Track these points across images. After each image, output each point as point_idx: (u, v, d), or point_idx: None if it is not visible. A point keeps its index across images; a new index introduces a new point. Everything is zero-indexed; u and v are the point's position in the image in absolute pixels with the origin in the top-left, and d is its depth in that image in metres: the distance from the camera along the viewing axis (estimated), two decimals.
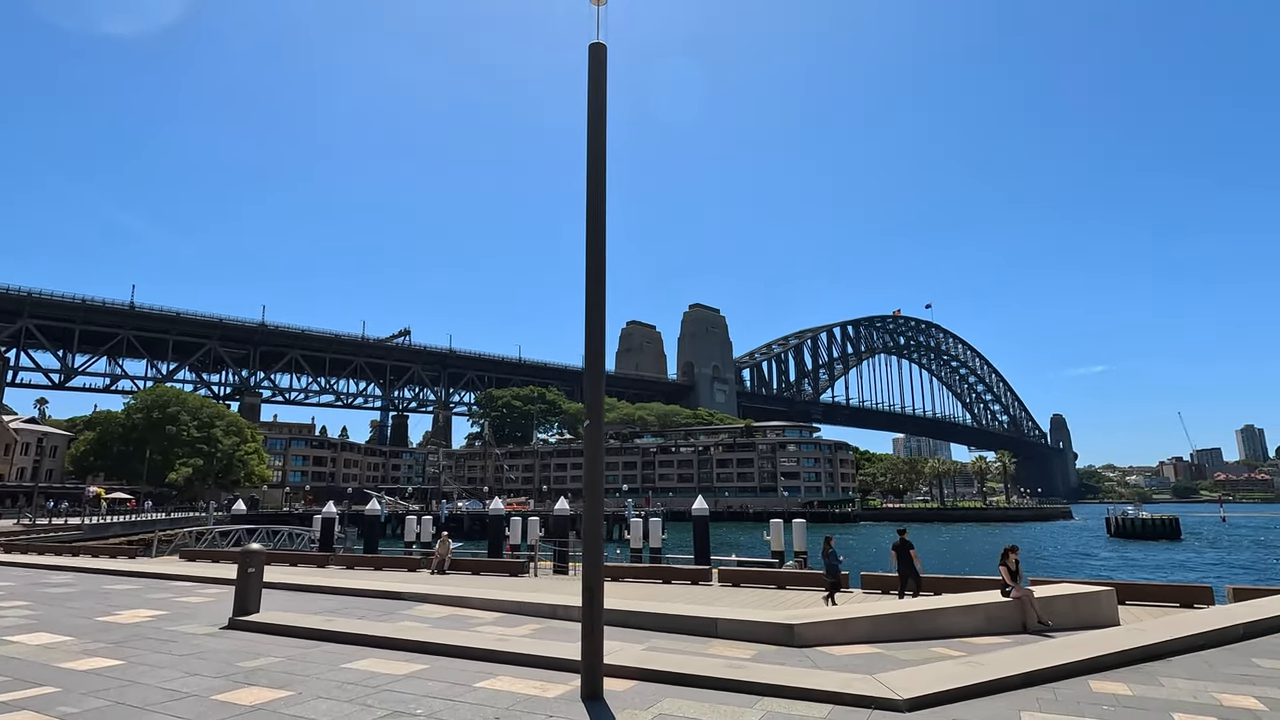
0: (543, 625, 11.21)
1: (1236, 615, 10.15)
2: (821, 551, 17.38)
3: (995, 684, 6.50)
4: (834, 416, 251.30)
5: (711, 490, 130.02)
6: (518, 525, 35.22)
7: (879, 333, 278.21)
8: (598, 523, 6.26)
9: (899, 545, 15.14)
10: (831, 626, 10.07)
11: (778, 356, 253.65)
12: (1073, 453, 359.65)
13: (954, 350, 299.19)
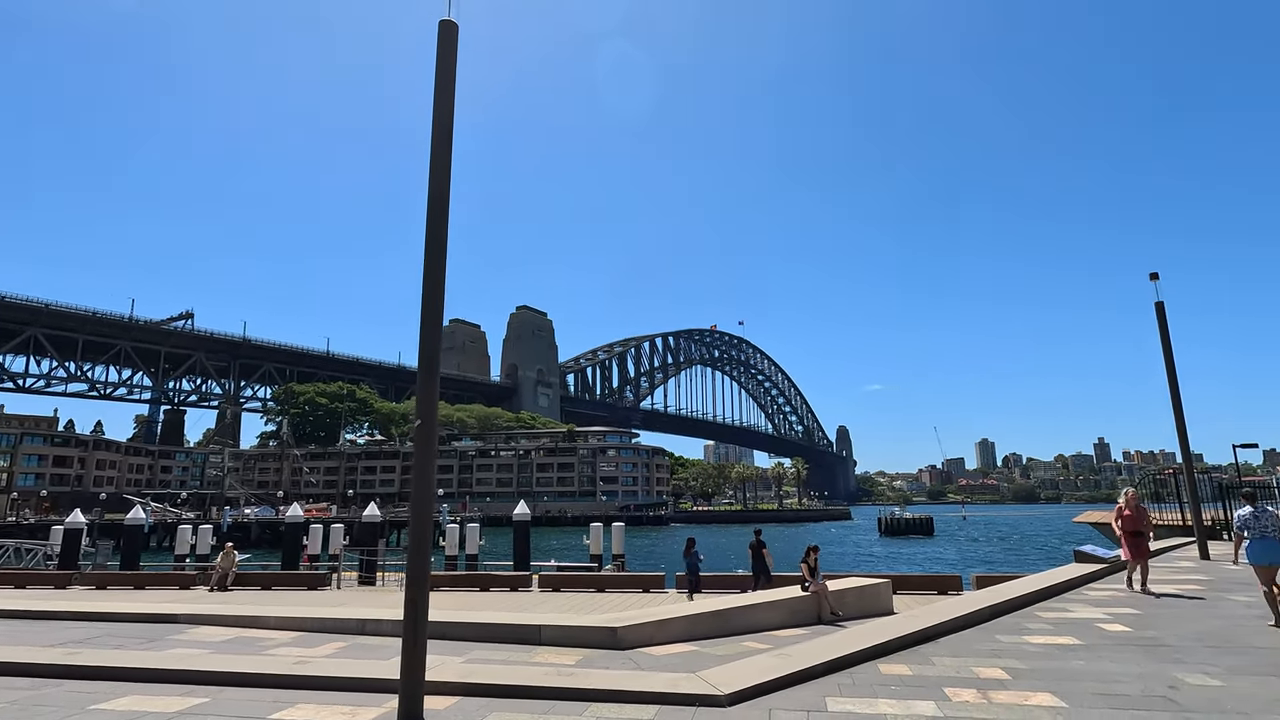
0: (349, 643, 10.27)
1: (982, 599, 11.94)
2: (684, 552, 18.06)
3: (804, 673, 7.04)
4: (653, 423, 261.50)
5: (531, 495, 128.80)
6: (318, 534, 32.19)
7: (697, 345, 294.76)
8: (426, 529, 5.84)
9: (754, 544, 16.25)
10: (651, 628, 10.31)
11: (602, 363, 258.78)
12: (853, 460, 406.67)
13: (761, 365, 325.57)
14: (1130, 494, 13.04)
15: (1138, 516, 12.47)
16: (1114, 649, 8.14)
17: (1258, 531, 9.24)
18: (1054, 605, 11.50)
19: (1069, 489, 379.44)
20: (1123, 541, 12.53)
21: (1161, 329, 17.81)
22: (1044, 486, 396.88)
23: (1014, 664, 7.48)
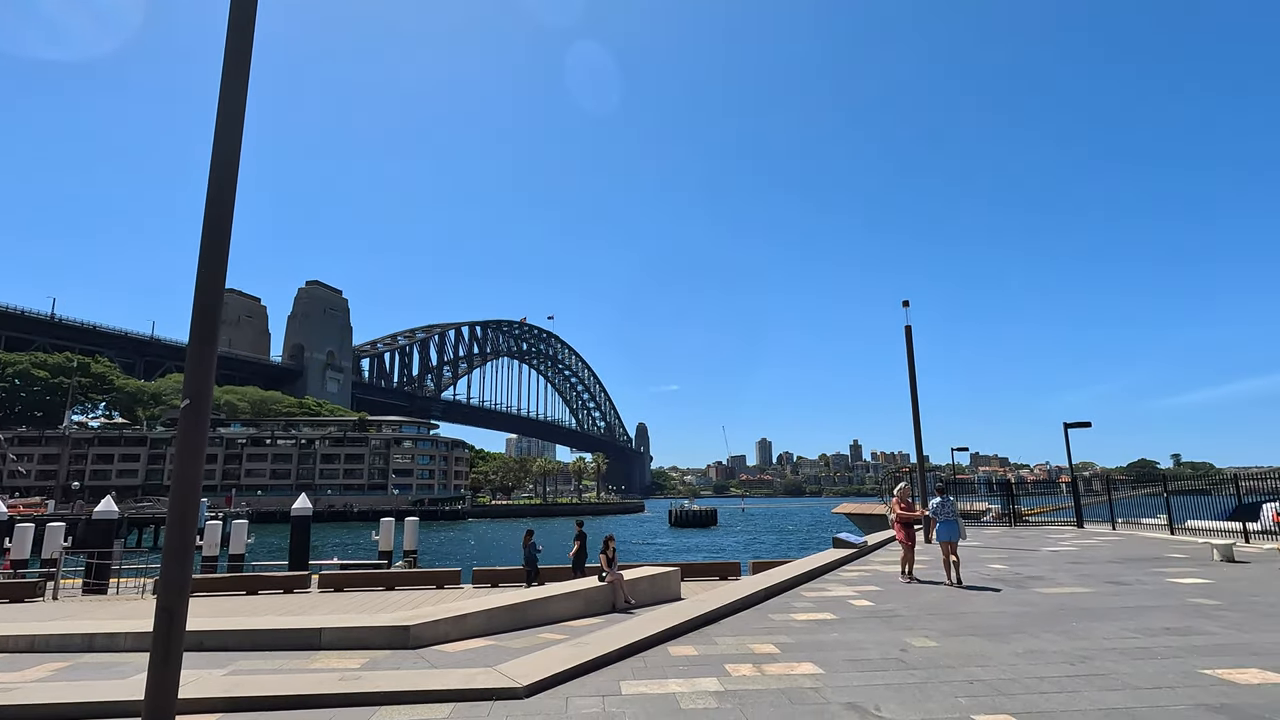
0: (71, 662, 8.62)
1: (757, 583, 13.19)
2: (523, 542, 18.13)
3: (599, 660, 7.26)
4: (454, 414, 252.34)
5: (313, 488, 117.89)
6: (26, 534, 26.57)
7: (505, 336, 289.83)
8: (190, 527, 5.07)
9: (579, 536, 16.41)
10: (447, 624, 9.98)
11: (403, 349, 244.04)
12: (650, 456, 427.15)
13: (568, 360, 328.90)
14: (904, 488, 15.12)
15: (910, 509, 14.15)
16: (862, 620, 9.45)
17: (944, 516, 12.37)
18: (816, 586, 13.04)
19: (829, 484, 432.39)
20: (899, 532, 13.62)
21: (908, 349, 20.99)
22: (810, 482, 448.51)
23: (783, 639, 8.38)
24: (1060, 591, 11.49)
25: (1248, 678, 6.21)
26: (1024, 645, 7.72)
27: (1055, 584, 12.33)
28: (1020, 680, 6.31)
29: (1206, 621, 8.79)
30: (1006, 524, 29.13)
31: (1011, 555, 17.43)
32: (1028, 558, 16.77)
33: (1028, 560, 16.21)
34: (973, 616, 9.57)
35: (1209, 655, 7.07)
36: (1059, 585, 12.17)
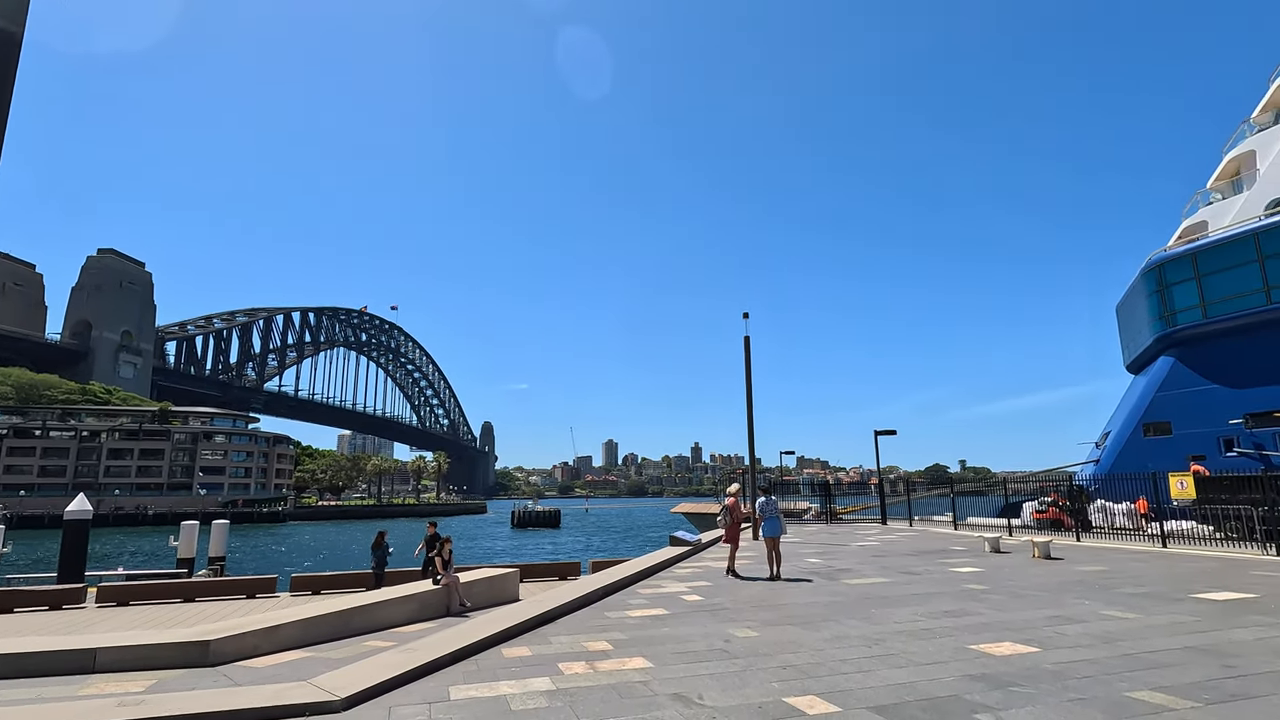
0: None
1: (596, 581, 13.38)
2: (374, 544, 17.00)
3: (428, 666, 6.97)
4: (279, 407, 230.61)
5: (97, 488, 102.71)
6: None
7: (342, 325, 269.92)
8: None
9: (430, 538, 15.64)
10: (256, 637, 9.10)
11: (219, 333, 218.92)
12: (494, 455, 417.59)
13: (412, 354, 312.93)
14: (736, 489, 15.96)
15: (739, 509, 15.11)
16: (691, 615, 9.91)
17: (768, 513, 13.44)
18: (651, 583, 13.46)
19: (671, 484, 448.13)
20: (727, 530, 14.36)
21: (746, 359, 22.33)
22: (653, 482, 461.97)
23: (617, 635, 8.57)
24: (864, 582, 12.79)
25: (1003, 650, 7.30)
26: (831, 631, 8.50)
27: (860, 575, 13.70)
28: (826, 664, 6.94)
29: (976, 604, 10.20)
30: (824, 521, 31.89)
31: (826, 550, 19.11)
32: (839, 552, 18.48)
33: (839, 554, 17.86)
34: (790, 607, 10.38)
35: (976, 632, 8.22)
36: (863, 576, 13.54)
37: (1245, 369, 26.56)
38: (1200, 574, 12.79)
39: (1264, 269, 25.97)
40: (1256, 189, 29.18)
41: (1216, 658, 6.78)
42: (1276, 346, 25.64)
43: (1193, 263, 28.51)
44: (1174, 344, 29.30)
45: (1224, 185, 31.95)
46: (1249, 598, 10.18)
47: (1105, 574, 13.14)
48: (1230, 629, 8.10)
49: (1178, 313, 28.95)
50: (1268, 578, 12.13)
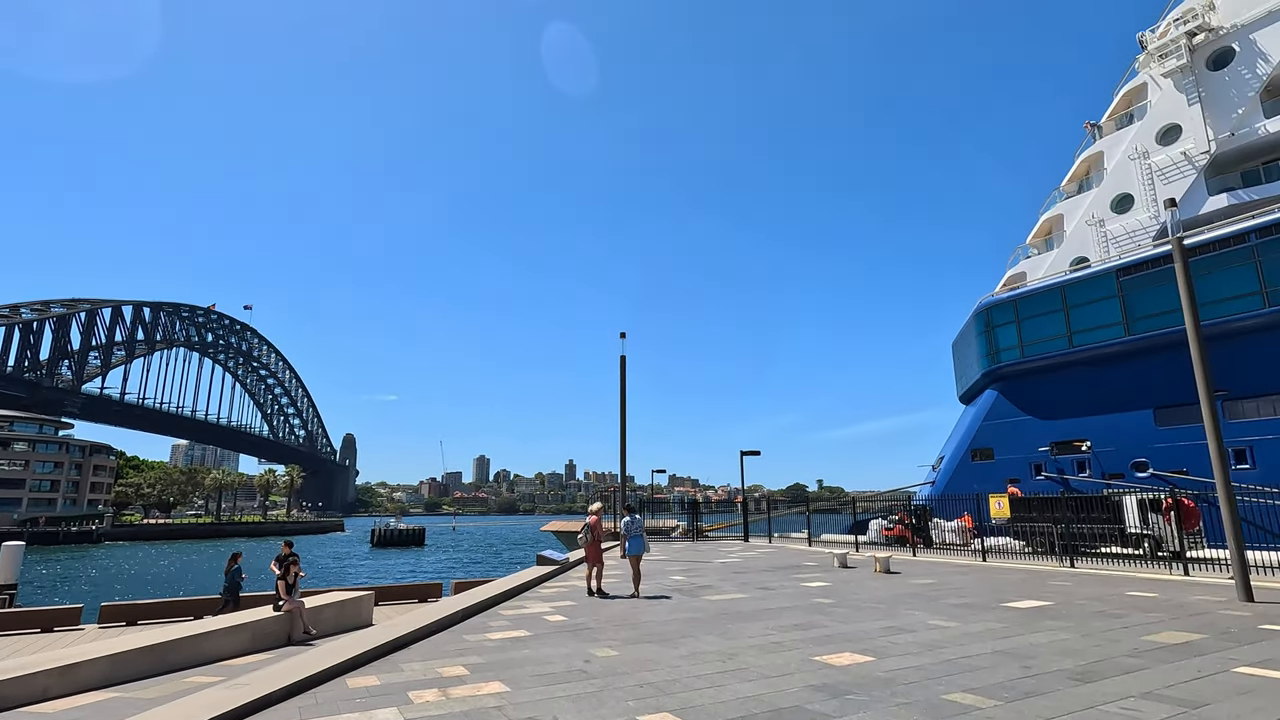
0: None
1: (456, 604, 12.90)
2: (226, 567, 15.49)
3: (258, 703, 6.38)
4: (101, 412, 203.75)
5: None
6: None
7: (185, 324, 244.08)
8: None
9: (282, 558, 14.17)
10: (48, 677, 7.96)
11: (28, 325, 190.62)
12: (356, 470, 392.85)
13: (267, 359, 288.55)
14: (599, 508, 15.94)
15: (601, 527, 15.13)
16: (553, 635, 9.79)
17: (632, 532, 13.79)
18: (515, 603, 13.17)
19: (544, 502, 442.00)
20: (589, 550, 14.34)
21: (621, 378, 22.62)
22: (525, 500, 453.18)
23: (475, 660, 8.29)
24: (723, 598, 13.24)
25: (843, 660, 7.82)
26: (688, 648, 8.71)
27: (720, 591, 14.18)
28: (681, 680, 7.10)
29: (823, 617, 10.86)
30: (691, 539, 32.72)
31: (690, 567, 19.61)
32: (702, 569, 19.03)
33: (702, 571, 18.39)
34: (651, 625, 10.53)
35: (820, 644, 8.75)
36: (723, 593, 14.02)
37: (1053, 403, 30.42)
38: (1011, 585, 14.39)
39: (1068, 317, 30.00)
40: (1064, 247, 33.76)
41: (1017, 660, 7.65)
42: (1076, 385, 29.61)
43: (1014, 308, 32.39)
44: (998, 379, 33.03)
45: (1039, 242, 36.67)
46: (1047, 605, 11.58)
47: (934, 586, 14.45)
48: (1030, 634, 9.16)
49: (1001, 351, 32.71)
50: (1062, 587, 13.86)
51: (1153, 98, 31.80)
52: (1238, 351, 24.26)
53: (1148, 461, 26.55)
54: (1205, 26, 29.86)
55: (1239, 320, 24.46)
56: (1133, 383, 27.44)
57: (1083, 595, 12.63)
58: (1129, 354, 27.76)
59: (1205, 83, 29.90)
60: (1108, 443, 28.01)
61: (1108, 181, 32.59)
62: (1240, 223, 25.40)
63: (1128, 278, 28.05)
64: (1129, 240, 30.93)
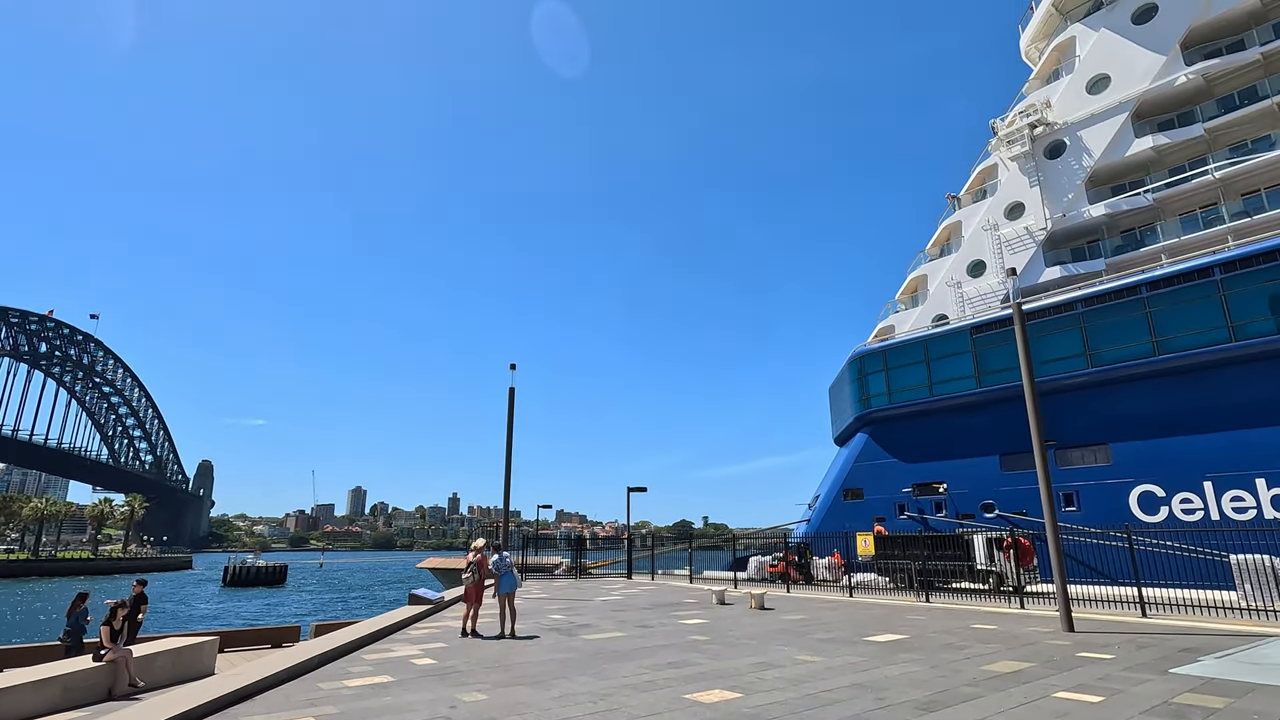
0: None
1: (313, 648, 11.96)
2: (69, 609, 13.42)
3: None
4: None
5: None
6: None
7: (13, 331, 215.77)
8: None
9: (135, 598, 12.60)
10: None
11: None
12: (211, 501, 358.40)
13: (112, 375, 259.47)
14: (480, 544, 15.36)
15: (487, 564, 14.47)
16: (419, 680, 9.27)
17: (502, 569, 13.49)
18: (381, 646, 12.39)
19: (423, 537, 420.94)
20: (471, 589, 13.70)
21: (509, 410, 22.22)
22: (403, 534, 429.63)
23: (329, 710, 7.69)
24: (601, 637, 13.10)
25: (712, 697, 7.92)
26: (561, 690, 8.53)
27: (599, 630, 14.03)
28: None
29: (697, 654, 10.99)
30: (574, 577, 32.24)
31: (570, 605, 19.28)
32: (583, 607, 18.77)
33: (582, 610, 18.14)
34: (524, 666, 10.23)
35: (693, 682, 8.83)
36: (601, 631, 13.88)
37: (916, 447, 32.84)
38: (873, 620, 15.21)
39: (929, 369, 32.72)
40: (927, 305, 36.98)
41: (872, 692, 8.06)
42: (935, 431, 32.18)
43: (883, 358, 34.94)
44: (868, 423, 35.30)
45: (906, 299, 39.98)
46: (903, 639, 12.33)
47: (804, 622, 15.02)
48: (886, 666, 9.71)
49: (871, 397, 35.07)
50: (918, 621, 14.82)
51: (1002, 177, 35.87)
52: (1067, 406, 27.35)
53: (995, 503, 29.13)
54: (1044, 120, 34.22)
55: (1068, 378, 27.64)
56: (983, 430, 30.18)
57: (935, 629, 13.56)
58: (980, 404, 30.57)
59: (1043, 169, 34.14)
60: (961, 485, 30.51)
61: (964, 248, 36.21)
62: (1069, 292, 28.90)
63: (980, 335, 31.06)
64: (981, 301, 34.37)
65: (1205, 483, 23.46)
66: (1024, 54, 40.51)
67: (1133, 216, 31.74)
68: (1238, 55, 29.42)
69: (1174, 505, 24.02)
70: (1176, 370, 25.10)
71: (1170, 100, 31.39)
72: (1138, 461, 25.26)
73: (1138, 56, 31.91)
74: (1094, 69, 33.22)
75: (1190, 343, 24.70)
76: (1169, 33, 31.20)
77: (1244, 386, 23.46)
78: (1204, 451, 23.78)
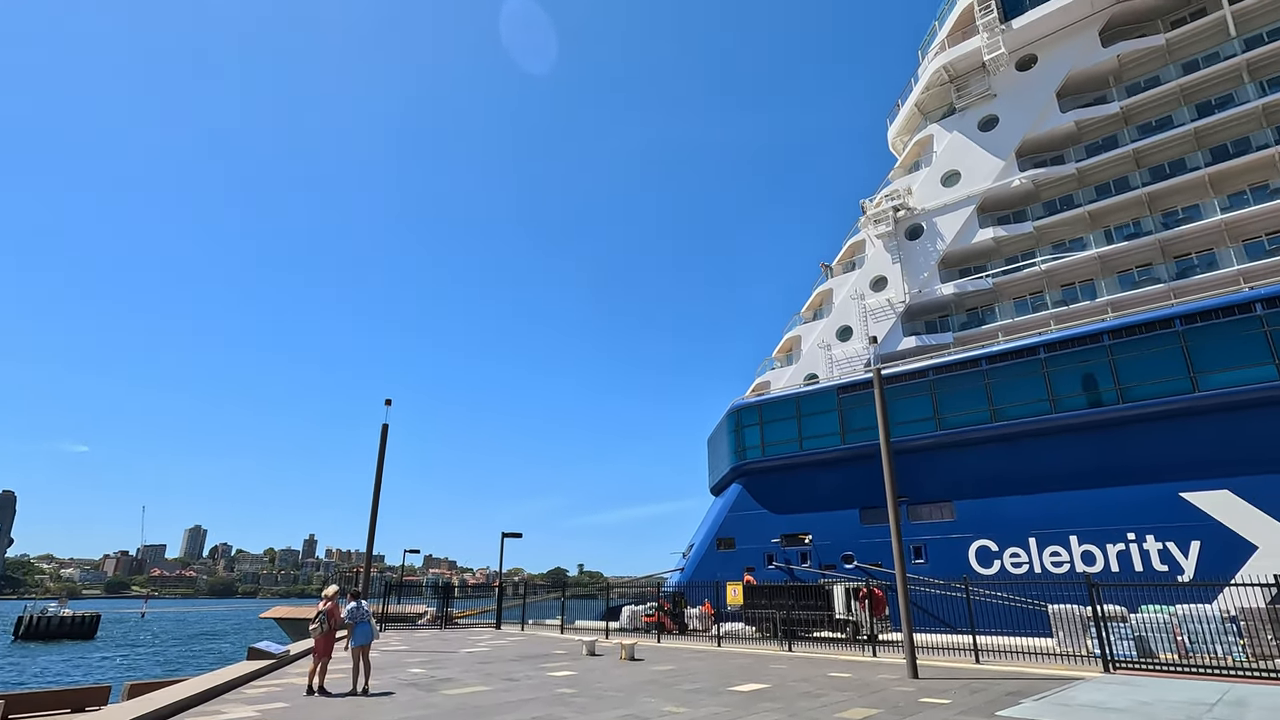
0: None
1: (126, 712, 10.52)
2: None
3: None
4: None
5: None
6: None
7: None
8: None
9: None
10: None
11: None
12: (10, 538, 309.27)
13: None
14: (334, 591, 14.19)
15: (339, 613, 13.35)
16: None
17: (358, 619, 12.67)
18: (209, 709, 11.10)
19: (271, 583, 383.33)
20: (320, 641, 12.65)
21: (381, 448, 21.11)
22: (246, 580, 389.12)
23: None
24: (463, 692, 12.46)
25: None
26: None
27: (462, 685, 13.33)
28: None
29: (563, 709, 10.70)
30: (439, 626, 30.53)
31: (433, 658, 18.22)
32: (446, 660, 17.79)
33: (445, 662, 17.18)
34: None
35: None
36: (464, 685, 13.20)
37: (786, 499, 34.34)
38: (739, 670, 15.51)
39: (800, 424, 34.60)
40: (800, 364, 39.34)
41: None
42: (804, 483, 33.87)
43: (759, 411, 36.58)
44: (743, 474, 36.57)
45: (782, 356, 42.35)
46: (765, 688, 12.65)
47: (672, 673, 15.05)
48: (748, 716, 9.91)
49: (747, 449, 36.46)
50: (780, 670, 15.28)
51: (869, 252, 39.27)
52: (919, 465, 29.75)
53: (854, 554, 30.86)
54: (905, 205, 38.05)
55: (920, 440, 30.16)
56: (845, 485, 32.11)
57: (795, 677, 14.03)
58: (844, 460, 32.59)
59: (904, 248, 37.78)
60: (825, 536, 32.13)
61: (834, 314, 39.06)
62: (922, 361, 31.82)
63: (845, 395, 33.34)
64: (848, 364, 37.02)
65: (1030, 539, 26.13)
66: (890, 144, 45.11)
67: (976, 297, 35.68)
68: (1059, 168, 34.33)
69: (1005, 559, 26.52)
70: (1009, 436, 28.09)
71: (1007, 199, 35.97)
72: (976, 518, 27.78)
73: (982, 159, 36.46)
74: (947, 165, 37.53)
75: (1020, 412, 27.79)
76: (1007, 142, 35.97)
77: (1061, 453, 26.61)
78: (1028, 511, 26.57)
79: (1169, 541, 23.20)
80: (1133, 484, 24.51)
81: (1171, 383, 24.49)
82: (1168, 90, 32.56)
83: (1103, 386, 26.00)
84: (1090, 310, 30.91)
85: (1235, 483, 22.58)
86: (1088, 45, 35.02)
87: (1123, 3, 34.31)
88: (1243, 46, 31.11)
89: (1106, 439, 25.67)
